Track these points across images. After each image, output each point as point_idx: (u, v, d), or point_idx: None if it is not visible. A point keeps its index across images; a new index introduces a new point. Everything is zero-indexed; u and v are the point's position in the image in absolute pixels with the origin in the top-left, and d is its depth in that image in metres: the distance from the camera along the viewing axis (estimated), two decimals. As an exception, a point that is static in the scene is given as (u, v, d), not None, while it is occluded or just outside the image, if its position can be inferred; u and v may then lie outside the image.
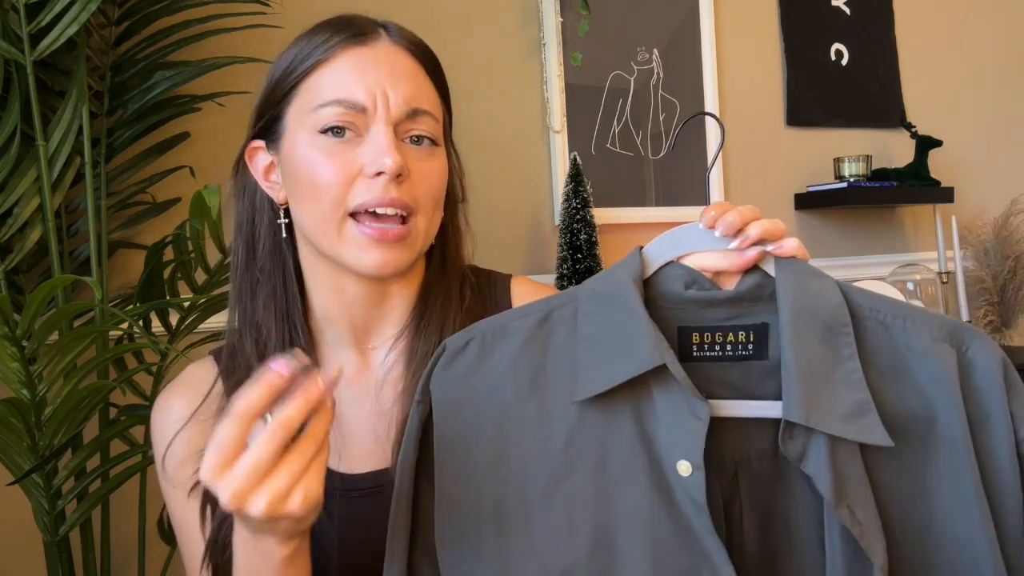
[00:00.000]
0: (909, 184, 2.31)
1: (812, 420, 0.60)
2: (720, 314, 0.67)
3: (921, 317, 0.65)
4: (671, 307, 0.67)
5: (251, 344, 0.83)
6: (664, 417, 0.63)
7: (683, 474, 0.62)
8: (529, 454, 0.65)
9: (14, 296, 1.31)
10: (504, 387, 0.67)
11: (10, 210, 1.26)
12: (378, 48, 0.80)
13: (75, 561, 1.28)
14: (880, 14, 2.49)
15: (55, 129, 1.26)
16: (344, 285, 0.84)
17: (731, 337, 0.67)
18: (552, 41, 1.93)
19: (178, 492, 0.83)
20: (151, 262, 1.21)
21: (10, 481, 1.12)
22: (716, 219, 0.66)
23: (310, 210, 0.79)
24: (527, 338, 0.68)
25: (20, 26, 1.20)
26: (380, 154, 0.76)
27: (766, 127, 2.31)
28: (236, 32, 1.44)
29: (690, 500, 0.62)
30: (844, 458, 0.61)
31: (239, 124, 1.52)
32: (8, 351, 1.00)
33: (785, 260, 0.66)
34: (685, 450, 0.62)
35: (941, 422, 0.62)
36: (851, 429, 0.60)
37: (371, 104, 0.78)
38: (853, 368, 0.62)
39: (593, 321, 0.66)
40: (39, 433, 1.09)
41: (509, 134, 1.91)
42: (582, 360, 0.65)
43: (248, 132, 0.86)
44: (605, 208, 1.96)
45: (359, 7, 0.86)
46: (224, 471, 0.56)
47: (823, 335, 0.63)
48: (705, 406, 0.62)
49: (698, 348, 0.67)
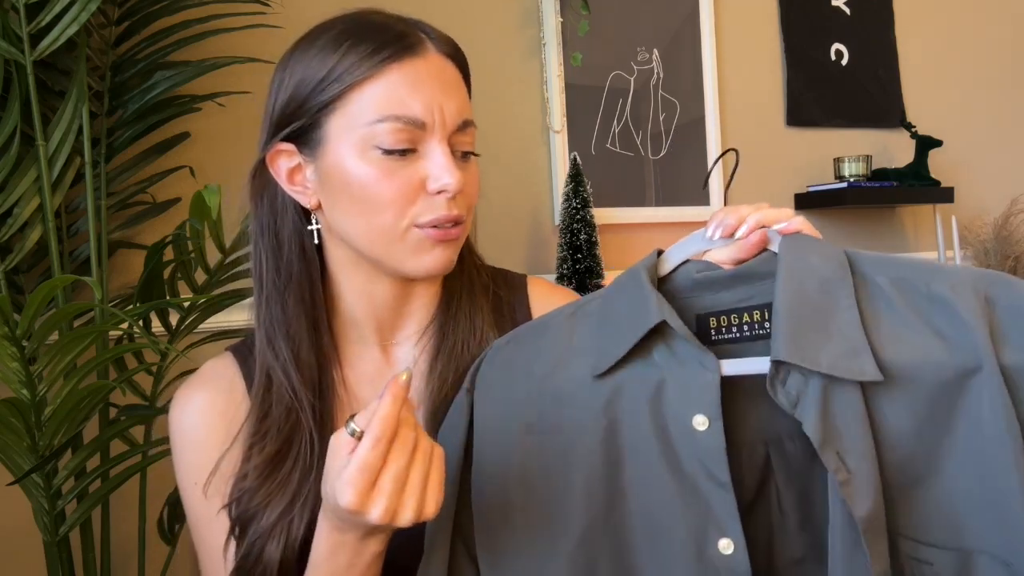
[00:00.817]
0: (909, 184, 2.31)
1: (797, 357, 0.59)
2: (733, 296, 0.68)
3: (940, 269, 0.63)
4: (686, 295, 0.70)
5: (286, 351, 0.83)
6: (673, 380, 0.65)
7: (699, 428, 0.63)
8: (549, 428, 0.70)
9: (14, 296, 1.31)
10: (536, 369, 0.72)
11: (10, 210, 1.26)
12: (429, 60, 0.79)
13: (75, 561, 1.28)
14: (880, 14, 2.49)
15: (55, 129, 1.26)
16: (375, 288, 0.84)
17: (747, 317, 0.68)
18: (552, 41, 1.94)
19: (196, 489, 0.83)
20: (151, 262, 1.21)
21: (10, 481, 1.12)
22: (716, 227, 0.69)
23: (367, 222, 0.79)
24: (559, 328, 0.73)
25: (20, 26, 1.20)
26: (442, 173, 0.77)
27: (766, 127, 2.31)
28: (236, 32, 1.44)
29: (700, 455, 0.63)
30: (840, 403, 0.60)
31: (239, 124, 1.54)
32: (8, 351, 1.00)
33: (790, 236, 0.67)
34: (700, 404, 0.63)
35: (968, 367, 0.59)
36: (840, 366, 0.59)
37: (429, 119, 0.77)
38: (850, 318, 0.61)
39: (608, 304, 0.71)
40: (39, 433, 1.09)
41: (509, 134, 1.91)
42: (597, 338, 0.70)
43: (267, 134, 0.83)
44: (605, 208, 1.96)
45: (362, 6, 0.85)
46: (371, 493, 0.61)
47: (818, 288, 0.63)
48: (711, 356, 0.64)
49: (716, 332, 0.69)
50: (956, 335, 0.60)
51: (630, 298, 0.68)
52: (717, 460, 0.62)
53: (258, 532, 0.79)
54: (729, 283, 0.68)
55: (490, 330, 0.87)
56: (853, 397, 0.60)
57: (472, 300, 0.88)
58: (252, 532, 0.79)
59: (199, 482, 0.83)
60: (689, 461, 0.63)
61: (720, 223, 0.69)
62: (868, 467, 0.59)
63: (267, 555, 0.78)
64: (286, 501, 0.79)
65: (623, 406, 0.67)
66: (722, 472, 0.62)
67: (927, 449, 0.60)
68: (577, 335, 0.72)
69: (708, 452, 0.62)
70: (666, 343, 0.66)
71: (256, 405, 0.83)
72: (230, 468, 0.82)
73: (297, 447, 0.81)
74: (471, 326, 0.87)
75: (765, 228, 0.68)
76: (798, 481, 0.65)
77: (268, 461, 0.80)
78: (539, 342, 0.74)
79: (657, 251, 0.72)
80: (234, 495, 0.81)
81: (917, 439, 0.60)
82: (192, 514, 0.86)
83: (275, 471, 0.80)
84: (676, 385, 0.65)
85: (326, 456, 0.66)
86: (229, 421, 0.84)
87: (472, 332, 0.86)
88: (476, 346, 0.86)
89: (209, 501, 0.83)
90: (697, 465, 0.63)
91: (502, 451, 0.71)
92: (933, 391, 0.60)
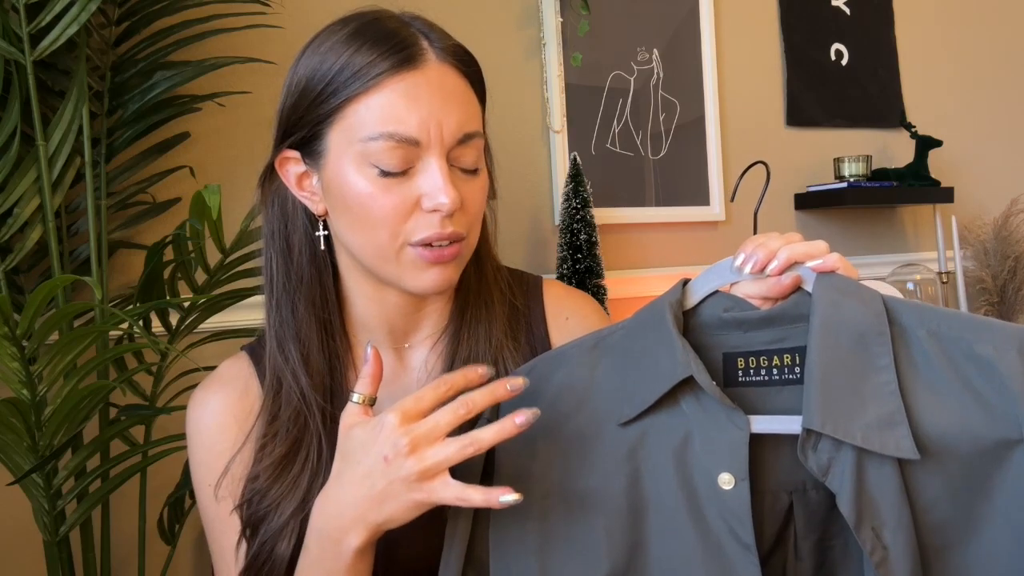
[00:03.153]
0: (909, 184, 2.31)
1: (830, 427, 0.57)
2: (764, 337, 0.65)
3: (983, 325, 0.60)
4: (713, 333, 0.67)
5: (295, 354, 0.83)
6: (700, 433, 0.63)
7: (725, 487, 0.60)
8: (573, 469, 0.68)
9: (14, 296, 1.31)
10: (556, 407, 0.70)
11: (10, 210, 1.26)
12: (427, 71, 0.76)
13: (75, 561, 1.28)
14: (880, 14, 2.49)
15: (55, 129, 1.26)
16: (386, 295, 0.84)
17: (776, 361, 0.65)
18: (552, 41, 1.93)
19: (210, 490, 0.84)
20: (151, 262, 1.21)
21: (10, 481, 1.12)
22: (745, 261, 0.66)
23: (364, 237, 0.78)
24: (578, 363, 0.71)
25: (20, 26, 1.20)
26: (437, 192, 0.75)
27: (766, 127, 2.31)
28: (236, 32, 1.43)
29: (725, 515, 0.60)
30: (875, 475, 0.57)
31: (239, 124, 1.54)
32: (8, 351, 1.00)
33: (825, 276, 0.64)
34: (727, 463, 0.61)
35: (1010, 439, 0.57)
36: (875, 439, 0.56)
37: (424, 137, 0.75)
38: (887, 380, 0.58)
39: (630, 345, 0.68)
40: (39, 433, 1.09)
41: (509, 134, 1.91)
42: (619, 383, 0.67)
43: (276, 137, 0.83)
44: (605, 208, 1.96)
45: (365, 5, 0.84)
46: (410, 420, 0.66)
47: (854, 344, 0.60)
48: (741, 415, 0.61)
49: (744, 373, 0.66)
50: (998, 401, 0.57)
51: (656, 341, 0.66)
52: (742, 520, 0.60)
53: (269, 532, 0.79)
54: (760, 324, 0.65)
55: (506, 340, 0.87)
56: (889, 469, 0.57)
57: (490, 308, 0.87)
58: (263, 532, 0.80)
59: (212, 483, 0.84)
60: (714, 518, 0.61)
61: (750, 257, 0.66)
62: (904, 538, 0.56)
63: (277, 554, 0.79)
64: (296, 502, 0.79)
65: (648, 454, 0.65)
66: (746, 533, 0.60)
67: (963, 514, 0.58)
68: (600, 371, 0.69)
69: (733, 512, 0.60)
70: (694, 393, 0.64)
71: (266, 407, 0.84)
72: (242, 469, 0.83)
73: (306, 450, 0.81)
74: (488, 334, 0.86)
75: (799, 267, 0.65)
76: (818, 528, 0.64)
77: (277, 463, 0.81)
78: (558, 374, 0.71)
79: (683, 281, 0.69)
80: (246, 495, 0.81)
81: (952, 505, 0.58)
82: (205, 514, 0.86)
83: (284, 472, 0.81)
84: (703, 439, 0.63)
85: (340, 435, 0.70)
86: (242, 424, 0.85)
87: (489, 341, 0.86)
88: (492, 353, 0.85)
89: (221, 503, 0.83)
90: (721, 523, 0.61)
91: (523, 470, 0.70)
92: (971, 460, 0.58)
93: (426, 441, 0.65)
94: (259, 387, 0.86)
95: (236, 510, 0.82)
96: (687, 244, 2.14)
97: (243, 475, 0.82)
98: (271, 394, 0.83)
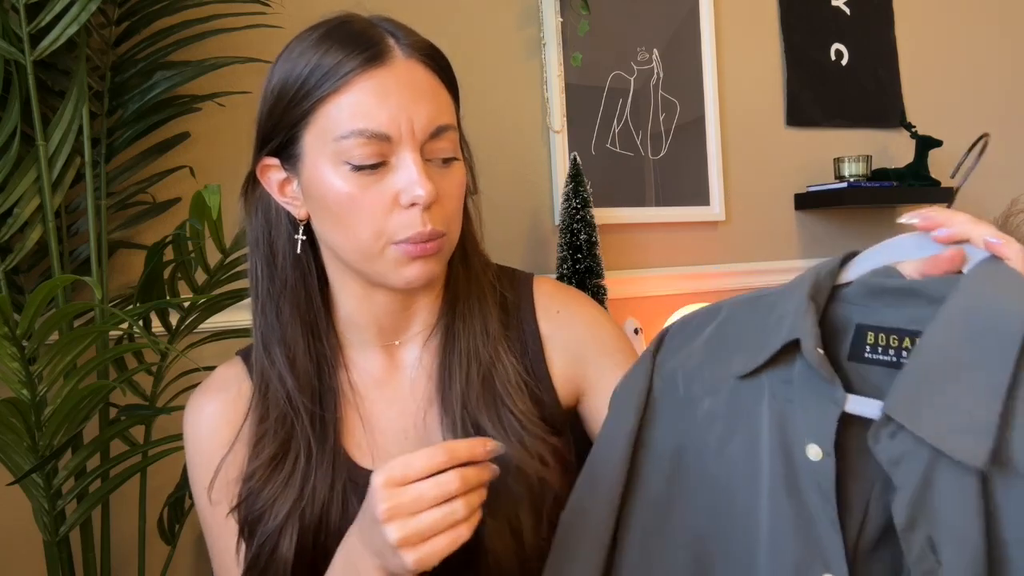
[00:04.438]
0: (909, 184, 2.31)
1: (903, 415, 0.53)
2: (899, 316, 0.62)
3: None
4: (855, 302, 0.65)
5: (281, 357, 0.84)
6: (800, 399, 0.62)
7: (812, 458, 0.60)
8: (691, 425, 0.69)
9: (14, 296, 1.31)
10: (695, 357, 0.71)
11: (10, 210, 1.26)
12: (395, 68, 0.77)
13: (75, 561, 1.28)
14: (880, 14, 2.49)
15: (55, 129, 1.26)
16: (374, 294, 0.85)
17: (906, 343, 0.61)
18: (552, 41, 1.93)
19: (206, 495, 0.84)
20: (151, 262, 1.21)
21: (10, 481, 1.12)
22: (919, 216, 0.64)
23: (346, 237, 0.79)
24: (725, 318, 0.72)
25: (20, 26, 1.20)
26: (412, 185, 0.76)
27: (766, 127, 2.31)
28: (236, 32, 1.44)
29: (817, 487, 0.59)
30: (946, 483, 0.53)
31: (239, 124, 1.53)
32: (8, 351, 1.00)
33: (990, 262, 0.58)
34: (816, 434, 0.60)
35: None
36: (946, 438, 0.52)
37: (395, 132, 0.76)
38: (989, 383, 0.53)
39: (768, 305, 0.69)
40: (39, 433, 1.09)
41: (509, 134, 1.91)
42: (755, 335, 0.67)
43: (255, 147, 0.84)
44: (605, 208, 1.96)
45: (359, 6, 0.85)
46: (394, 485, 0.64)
47: (977, 336, 0.54)
48: (840, 389, 0.59)
49: (872, 350, 0.63)
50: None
51: (785, 306, 0.65)
52: (827, 496, 0.59)
53: (266, 532, 0.80)
54: (898, 296, 0.62)
55: (501, 334, 0.87)
56: (968, 481, 0.52)
57: (482, 302, 0.88)
58: (260, 533, 0.80)
59: (207, 487, 0.84)
60: (806, 489, 0.60)
61: (926, 216, 0.63)
62: (969, 557, 0.51)
63: (279, 554, 0.79)
64: (290, 502, 0.80)
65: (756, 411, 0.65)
66: (830, 509, 0.58)
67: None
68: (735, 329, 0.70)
69: (819, 485, 0.59)
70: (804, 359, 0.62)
71: (255, 408, 0.84)
72: (237, 471, 0.83)
73: (295, 451, 0.82)
74: (484, 328, 0.86)
75: (962, 248, 0.60)
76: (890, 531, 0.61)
77: (268, 463, 0.82)
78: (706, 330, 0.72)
79: (847, 254, 0.67)
80: (242, 495, 0.82)
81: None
82: (203, 518, 0.87)
83: (276, 473, 0.81)
84: (801, 408, 0.62)
85: None
86: (236, 428, 0.85)
87: (486, 334, 0.86)
88: (488, 347, 0.85)
89: (216, 507, 0.84)
90: (814, 494, 0.60)
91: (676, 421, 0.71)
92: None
93: (406, 511, 0.64)
94: (251, 390, 0.86)
95: (232, 512, 0.83)
96: (687, 244, 2.14)
97: (238, 477, 0.83)
98: (259, 396, 0.84)
